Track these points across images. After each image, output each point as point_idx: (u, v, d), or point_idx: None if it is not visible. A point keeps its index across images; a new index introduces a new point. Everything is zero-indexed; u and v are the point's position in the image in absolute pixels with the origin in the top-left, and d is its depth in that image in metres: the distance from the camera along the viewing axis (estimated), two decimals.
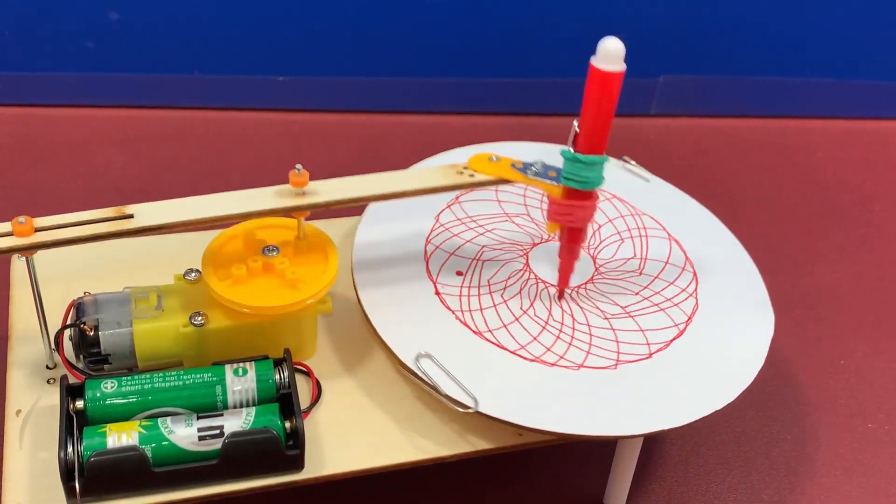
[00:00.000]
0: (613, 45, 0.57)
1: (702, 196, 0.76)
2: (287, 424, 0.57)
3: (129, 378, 0.58)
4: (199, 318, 0.60)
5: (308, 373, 0.63)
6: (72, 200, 0.93)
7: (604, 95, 0.58)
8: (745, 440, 0.77)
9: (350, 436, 0.60)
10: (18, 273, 0.68)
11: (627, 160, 0.75)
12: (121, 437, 0.55)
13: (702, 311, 0.66)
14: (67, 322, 0.61)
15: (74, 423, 0.56)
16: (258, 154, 1.01)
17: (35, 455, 0.57)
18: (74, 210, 0.58)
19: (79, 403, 0.56)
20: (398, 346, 0.61)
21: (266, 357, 0.60)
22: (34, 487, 0.55)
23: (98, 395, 0.57)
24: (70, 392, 0.57)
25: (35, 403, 0.60)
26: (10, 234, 0.56)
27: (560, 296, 0.66)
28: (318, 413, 0.61)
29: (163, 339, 0.60)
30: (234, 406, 0.58)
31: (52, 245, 0.56)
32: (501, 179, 0.63)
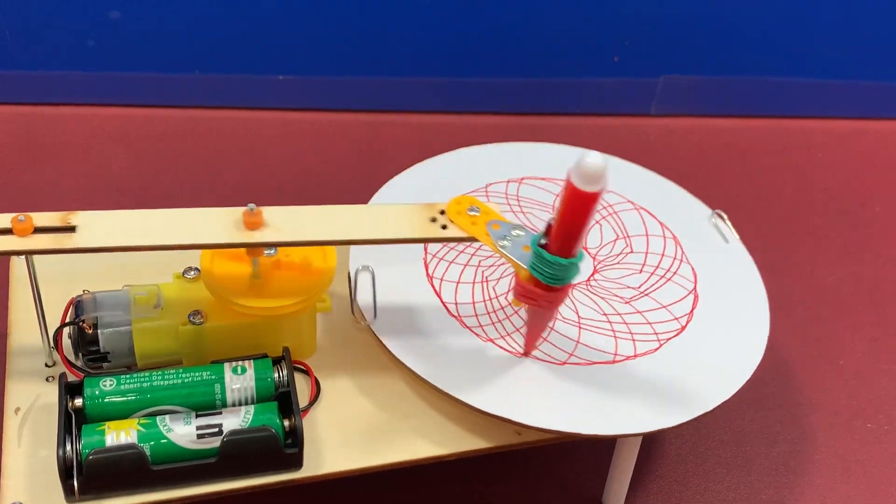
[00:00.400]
0: (596, 164, 0.50)
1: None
2: (286, 423, 0.57)
3: (128, 376, 0.58)
4: (198, 317, 0.60)
5: (307, 371, 0.63)
6: (72, 199, 0.93)
7: (579, 212, 0.53)
8: (744, 440, 0.77)
9: (348, 435, 0.60)
10: (18, 271, 0.68)
11: (722, 216, 0.68)
12: (119, 435, 0.55)
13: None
14: (66, 320, 0.61)
15: (73, 421, 0.56)
16: (258, 153, 1.01)
17: (34, 453, 0.57)
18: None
19: (77, 401, 0.56)
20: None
21: (265, 355, 0.60)
22: (33, 485, 0.56)
23: (97, 394, 0.57)
24: (69, 390, 0.57)
25: (34, 401, 0.60)
26: (10, 233, 0.56)
27: (526, 355, 0.62)
28: (317, 412, 0.61)
29: (162, 338, 0.60)
30: (233, 404, 0.58)
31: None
32: (473, 238, 0.60)
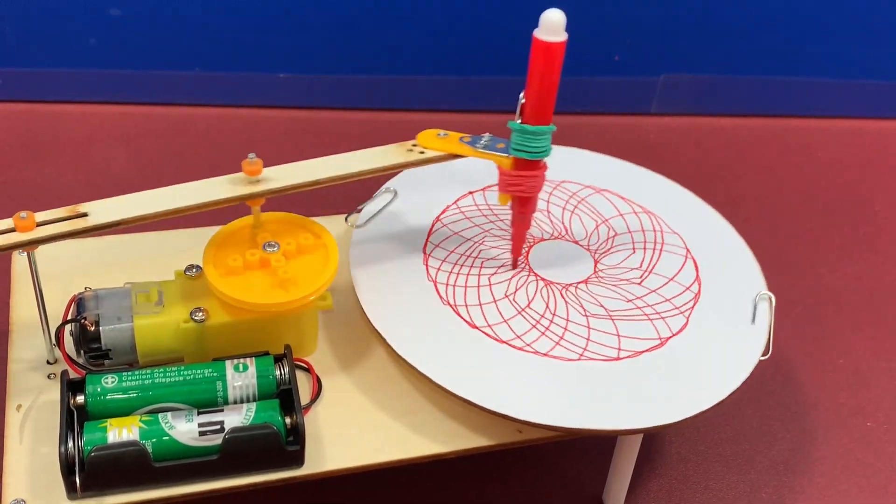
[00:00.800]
0: (555, 16, 0.58)
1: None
2: (287, 420, 0.57)
3: (130, 373, 0.58)
4: (200, 314, 0.60)
5: (308, 369, 0.63)
6: (73, 197, 0.91)
7: (547, 66, 0.59)
8: (745, 438, 0.77)
9: (350, 432, 0.60)
10: (19, 268, 0.68)
11: (770, 298, 0.67)
12: (121, 432, 0.55)
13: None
14: (68, 317, 0.61)
15: (75, 418, 0.56)
16: (259, 151, 1.00)
17: (36, 450, 0.57)
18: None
19: (79, 398, 0.56)
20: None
21: (266, 353, 0.60)
22: (35, 482, 0.56)
23: (99, 391, 0.57)
24: (71, 387, 0.57)
25: (36, 398, 0.60)
26: (13, 230, 0.56)
27: (514, 265, 0.68)
28: (319, 409, 0.61)
29: (163, 335, 0.60)
30: (235, 402, 0.58)
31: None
32: (451, 154, 0.65)
